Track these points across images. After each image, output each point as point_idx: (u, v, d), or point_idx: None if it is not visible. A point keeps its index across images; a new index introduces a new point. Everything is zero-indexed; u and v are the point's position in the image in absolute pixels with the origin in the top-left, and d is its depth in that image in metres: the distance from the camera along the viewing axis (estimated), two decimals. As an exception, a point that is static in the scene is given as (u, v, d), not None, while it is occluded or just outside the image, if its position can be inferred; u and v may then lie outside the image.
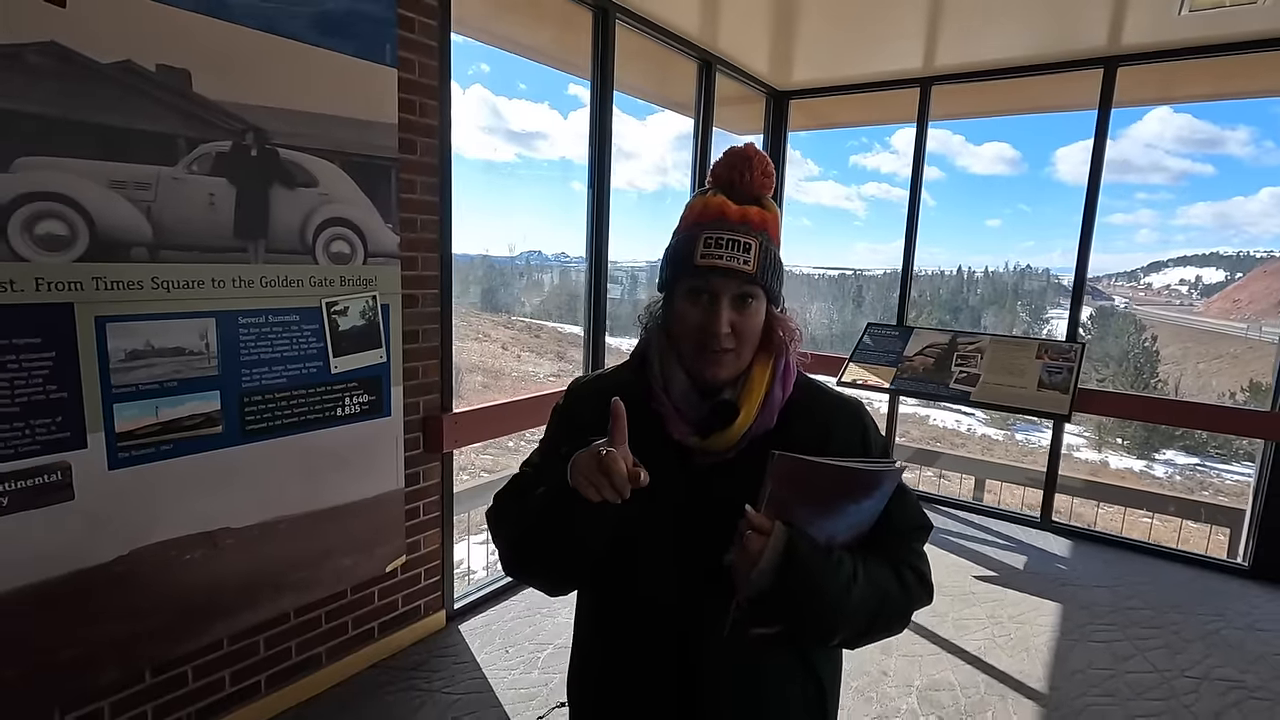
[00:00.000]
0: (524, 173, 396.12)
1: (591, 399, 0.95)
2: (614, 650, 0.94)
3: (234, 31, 1.77)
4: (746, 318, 0.86)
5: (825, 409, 0.94)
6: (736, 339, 0.86)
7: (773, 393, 0.88)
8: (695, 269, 0.85)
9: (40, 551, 1.57)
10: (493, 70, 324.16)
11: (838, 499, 0.81)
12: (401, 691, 2.28)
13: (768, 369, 0.89)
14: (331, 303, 2.08)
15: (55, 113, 1.50)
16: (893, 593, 0.86)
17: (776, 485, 0.78)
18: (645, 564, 0.89)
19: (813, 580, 0.78)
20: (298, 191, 1.96)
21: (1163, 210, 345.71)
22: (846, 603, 0.80)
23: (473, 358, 30.32)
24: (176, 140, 1.71)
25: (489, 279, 56.54)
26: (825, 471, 0.77)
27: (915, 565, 0.91)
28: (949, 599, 3.06)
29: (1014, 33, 3.38)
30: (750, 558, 0.76)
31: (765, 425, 0.88)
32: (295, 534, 2.07)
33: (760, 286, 0.86)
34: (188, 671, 1.92)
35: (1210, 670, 2.57)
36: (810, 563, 0.78)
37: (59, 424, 1.58)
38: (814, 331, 53.41)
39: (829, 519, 0.81)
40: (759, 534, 0.77)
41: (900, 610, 0.88)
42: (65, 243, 1.54)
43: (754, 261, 0.84)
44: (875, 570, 0.85)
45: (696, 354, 0.87)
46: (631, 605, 0.91)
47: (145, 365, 1.70)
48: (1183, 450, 32.53)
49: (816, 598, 0.78)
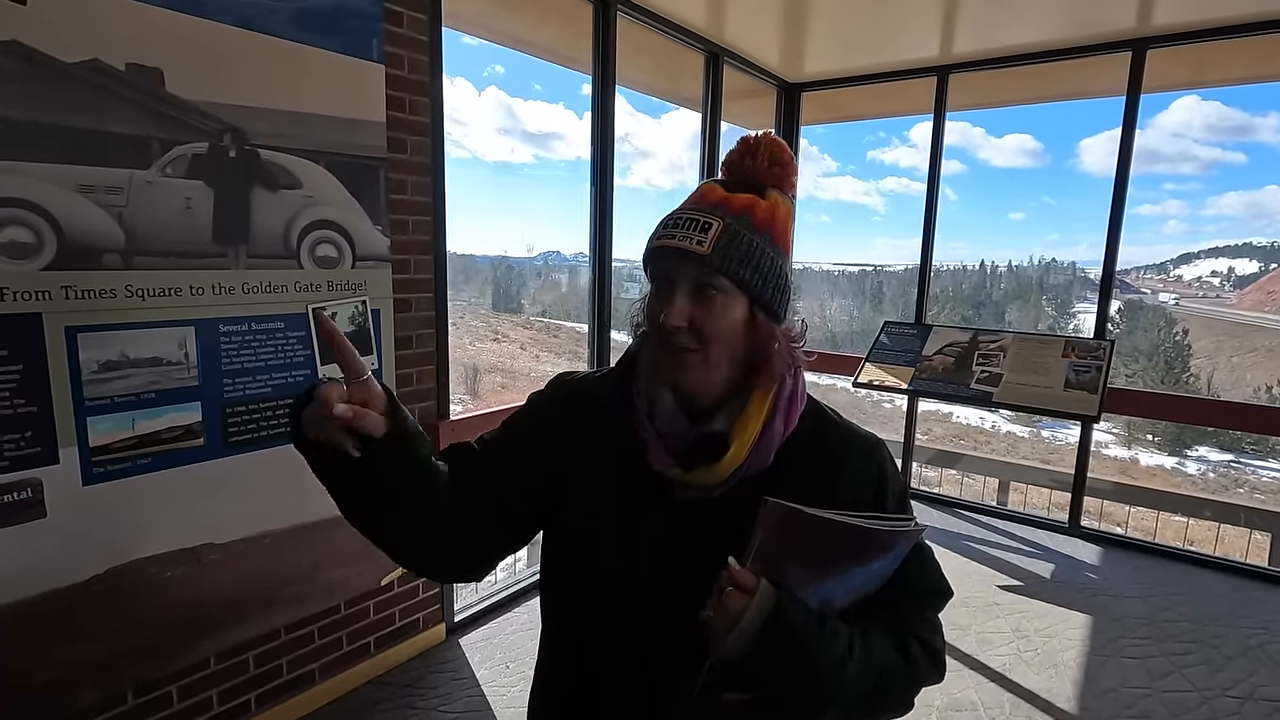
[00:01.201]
0: (541, 173, 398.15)
1: (566, 401, 0.87)
2: (572, 692, 0.84)
3: (209, 28, 1.70)
4: (710, 313, 0.73)
5: (836, 443, 0.80)
6: (698, 338, 0.73)
7: (772, 426, 0.76)
8: (650, 253, 0.75)
9: (11, 572, 1.51)
10: (507, 72, 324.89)
11: (840, 559, 0.69)
12: (397, 709, 2.20)
13: (768, 397, 0.76)
14: (318, 308, 2.00)
15: (18, 115, 1.44)
16: (896, 673, 0.74)
17: (767, 536, 0.66)
18: (611, 602, 0.79)
19: (799, 653, 0.67)
20: (280, 194, 1.89)
21: (1192, 201, 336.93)
22: (838, 682, 0.69)
23: (491, 358, 30.46)
24: (149, 142, 1.64)
25: (507, 280, 56.80)
26: (827, 527, 0.65)
27: (926, 638, 0.79)
28: (971, 611, 2.92)
29: (1036, 15, 3.22)
30: (729, 617, 0.65)
31: (760, 464, 0.76)
32: (283, 548, 2.00)
33: (723, 275, 0.72)
34: (172, 692, 1.86)
35: (1255, 689, 2.40)
36: (798, 632, 0.66)
37: (28, 439, 1.51)
38: (833, 329, 52.87)
39: (827, 581, 0.70)
40: (741, 592, 0.66)
41: (902, 692, 0.76)
42: (31, 250, 1.48)
43: (710, 244, 0.71)
44: (877, 644, 0.73)
45: (660, 354, 0.76)
46: (593, 644, 0.81)
47: (120, 376, 1.64)
48: (1216, 447, 31.67)
49: (804, 671, 0.67)
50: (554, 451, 0.83)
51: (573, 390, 0.88)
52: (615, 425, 0.80)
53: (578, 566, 0.82)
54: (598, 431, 0.82)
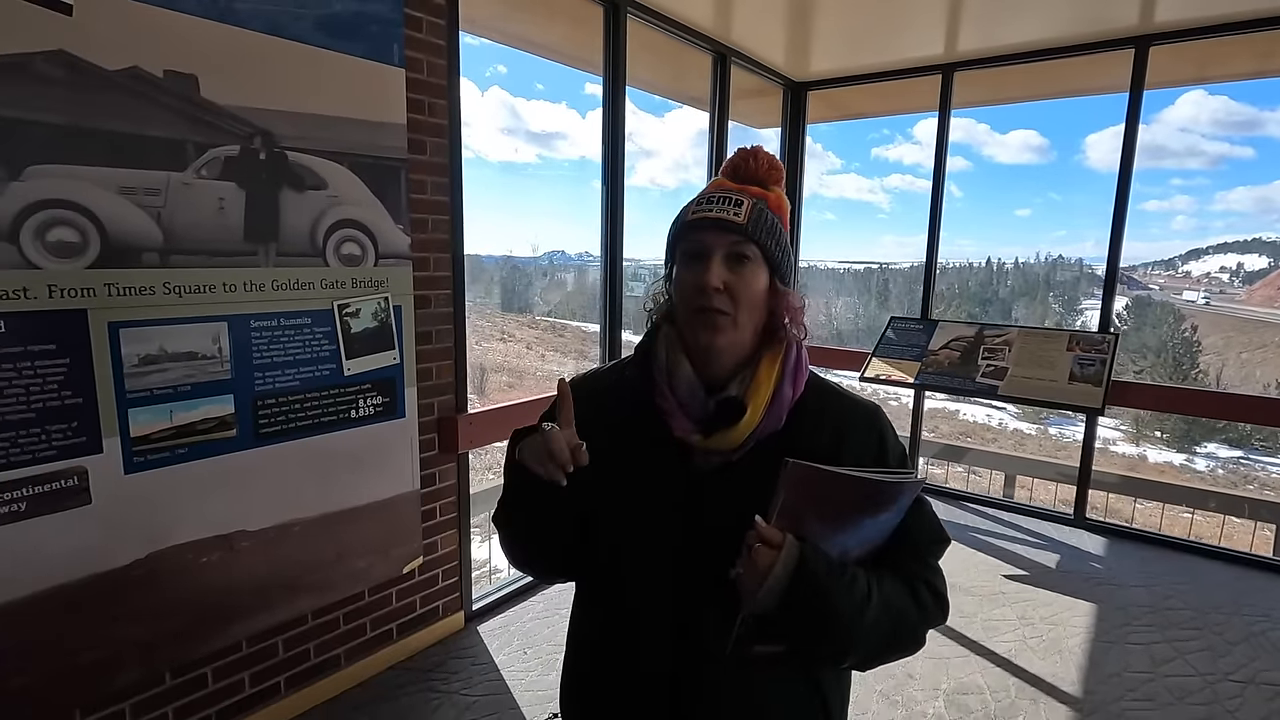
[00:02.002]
0: (545, 173, 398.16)
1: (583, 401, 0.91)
2: (605, 659, 0.90)
3: (240, 35, 1.77)
4: (742, 278, 0.81)
5: (838, 412, 0.88)
6: (733, 302, 0.80)
7: (781, 390, 0.83)
8: (687, 226, 0.83)
9: (59, 556, 1.59)
10: (510, 71, 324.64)
11: (854, 512, 0.77)
12: (419, 693, 2.28)
13: (776, 363, 0.84)
14: (343, 305, 2.08)
15: (64, 120, 1.52)
16: (908, 613, 0.81)
17: (789, 495, 0.73)
18: (639, 568, 0.85)
19: (825, 600, 0.74)
20: (307, 194, 1.96)
21: (1200, 196, 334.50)
22: (860, 624, 0.76)
23: (497, 358, 30.56)
24: (185, 145, 1.71)
25: (513, 280, 56.93)
26: (842, 482, 0.73)
27: (931, 582, 0.86)
28: (977, 599, 2.97)
29: (1039, 13, 3.27)
30: (758, 572, 0.72)
31: (773, 426, 0.83)
32: (310, 536, 2.08)
33: (755, 244, 0.81)
34: (208, 673, 1.94)
35: (1256, 674, 2.45)
36: (823, 581, 0.73)
37: (74, 429, 1.59)
38: (839, 327, 52.78)
39: (843, 533, 0.77)
40: (768, 547, 0.73)
41: (914, 631, 0.83)
42: (77, 249, 1.56)
43: (745, 215, 0.81)
44: (890, 589, 0.80)
45: (692, 320, 0.83)
46: (624, 610, 0.87)
47: (159, 370, 1.71)
48: (1225, 443, 31.50)
49: (828, 619, 0.74)
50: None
51: (585, 389, 0.92)
52: (638, 403, 0.86)
53: (610, 539, 0.88)
54: (617, 416, 0.88)
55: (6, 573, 1.52)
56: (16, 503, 1.51)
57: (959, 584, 3.07)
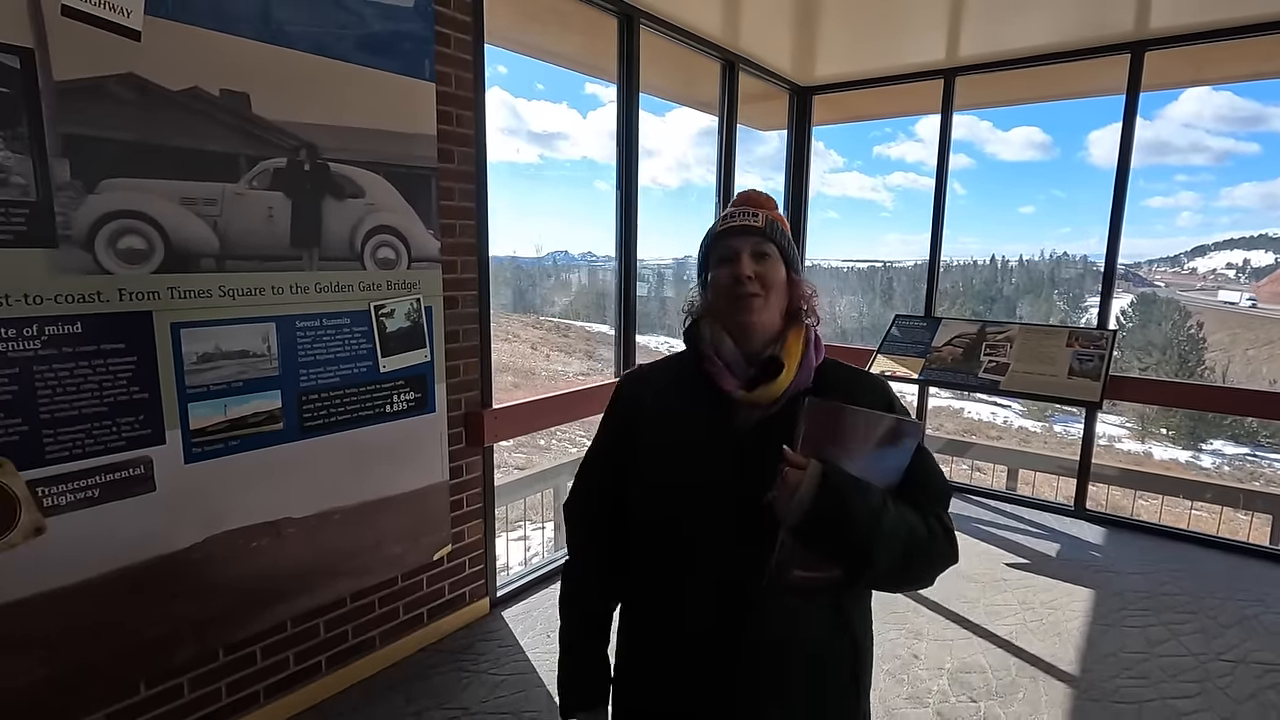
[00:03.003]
0: (548, 173, 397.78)
1: (647, 379, 1.12)
2: (659, 598, 1.04)
3: (288, 55, 1.91)
4: (767, 267, 1.01)
5: (852, 379, 1.06)
6: (762, 286, 1.00)
7: (807, 355, 1.01)
8: (719, 236, 1.03)
9: (128, 539, 1.73)
10: (510, 72, 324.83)
11: (864, 445, 0.91)
12: (450, 672, 2.41)
13: (800, 336, 1.02)
14: (379, 306, 2.21)
15: (134, 137, 1.65)
16: (920, 532, 0.93)
17: (809, 428, 0.89)
18: (694, 514, 0.98)
19: (847, 501, 0.86)
20: (347, 202, 2.09)
21: (1205, 192, 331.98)
22: (880, 527, 0.88)
23: (503, 358, 30.70)
24: (239, 158, 1.85)
25: (517, 280, 57.11)
26: (854, 417, 0.90)
27: (940, 518, 0.98)
28: (980, 585, 3.09)
29: (1037, 20, 3.39)
30: (789, 488, 0.86)
31: (804, 382, 1.00)
32: (350, 523, 2.21)
33: (772, 242, 1.01)
34: (256, 651, 2.07)
35: (1247, 654, 2.57)
36: (844, 486, 0.87)
37: (141, 422, 1.72)
38: (844, 325, 52.78)
39: (856, 462, 0.90)
40: (796, 469, 0.87)
41: (928, 551, 0.94)
42: (144, 256, 1.69)
43: (763, 221, 1.02)
44: (903, 509, 0.93)
45: (731, 307, 1.00)
46: (678, 552, 1.00)
47: (214, 367, 1.85)
48: (1231, 440, 31.48)
49: (852, 518, 0.86)
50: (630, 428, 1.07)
51: (644, 371, 1.14)
52: (690, 376, 1.04)
53: (666, 485, 1.01)
54: (669, 390, 1.07)
55: (83, 554, 1.65)
56: (92, 489, 1.65)
57: (962, 571, 3.18)
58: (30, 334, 1.53)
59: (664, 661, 1.03)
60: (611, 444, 1.12)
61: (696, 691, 1.00)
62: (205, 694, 1.97)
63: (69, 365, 1.59)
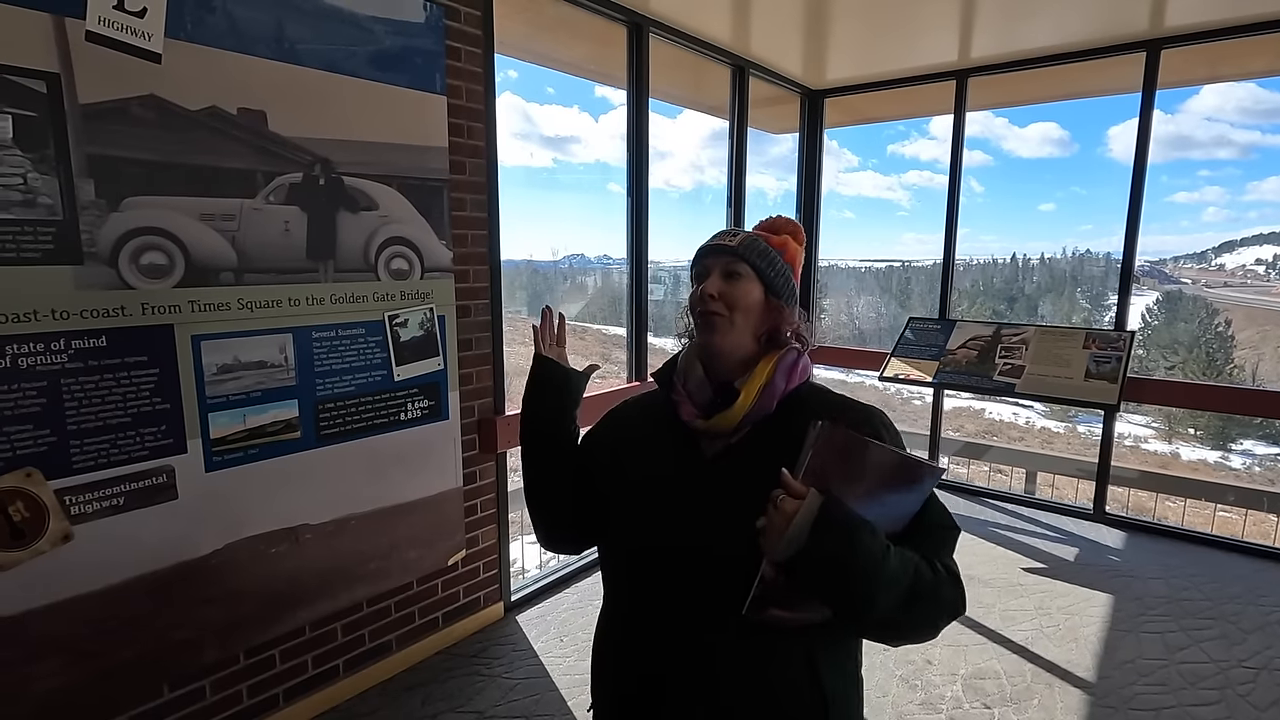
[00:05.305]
0: (562, 177, 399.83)
1: (634, 407, 1.14)
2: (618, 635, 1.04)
3: (302, 73, 1.96)
4: (734, 287, 0.97)
5: (834, 408, 0.96)
6: (727, 305, 0.96)
7: (774, 382, 0.95)
8: (697, 255, 1.03)
9: (153, 544, 1.78)
10: (521, 77, 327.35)
11: (877, 484, 0.79)
12: (466, 676, 2.44)
13: (771, 362, 0.97)
14: (393, 316, 2.25)
15: (155, 157, 1.70)
16: (926, 576, 0.83)
17: (817, 456, 0.77)
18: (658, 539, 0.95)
19: (847, 543, 0.76)
20: (360, 215, 2.14)
21: (1231, 186, 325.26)
22: (881, 572, 0.77)
23: (520, 361, 30.78)
24: (255, 174, 1.90)
25: (533, 283, 57.43)
26: (872, 452, 0.77)
27: (946, 562, 0.88)
28: (995, 590, 3.07)
29: (1050, 20, 3.36)
30: (784, 518, 0.77)
31: (764, 409, 0.94)
32: (366, 529, 2.25)
33: (745, 262, 0.97)
34: (275, 655, 2.12)
35: (1270, 660, 2.52)
36: (843, 527, 0.76)
37: (163, 432, 1.78)
38: (861, 326, 52.36)
39: (863, 503, 0.78)
40: (793, 498, 0.78)
41: (933, 597, 0.84)
42: (165, 271, 1.74)
43: (738, 242, 0.99)
44: (908, 553, 0.83)
45: (697, 324, 1.00)
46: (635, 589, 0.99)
47: (234, 378, 1.90)
48: (1263, 440, 30.76)
49: (849, 566, 0.76)
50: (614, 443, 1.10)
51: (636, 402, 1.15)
52: (658, 411, 1.05)
53: (631, 517, 1.00)
54: (646, 419, 1.08)
55: (109, 560, 1.70)
56: (117, 497, 1.70)
57: (978, 576, 3.16)
58: (57, 348, 1.58)
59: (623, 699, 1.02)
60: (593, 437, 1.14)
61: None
62: (227, 696, 2.01)
63: (94, 378, 1.64)
